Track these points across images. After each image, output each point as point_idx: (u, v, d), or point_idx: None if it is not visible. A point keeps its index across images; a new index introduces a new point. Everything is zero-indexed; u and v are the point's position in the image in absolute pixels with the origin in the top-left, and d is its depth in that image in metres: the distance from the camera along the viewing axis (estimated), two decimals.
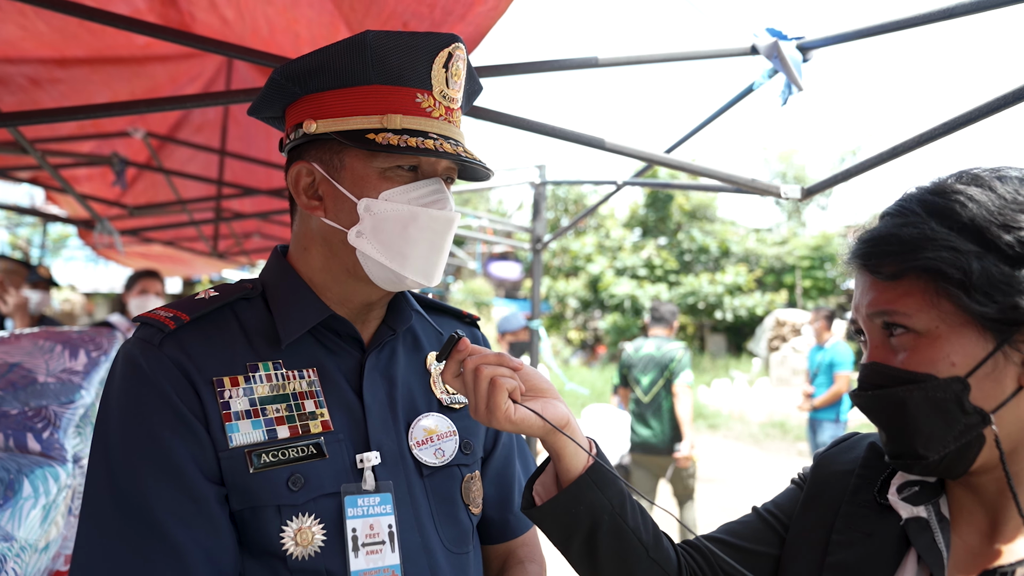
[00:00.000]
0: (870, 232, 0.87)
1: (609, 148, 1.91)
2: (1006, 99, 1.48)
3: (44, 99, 2.96)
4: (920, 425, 0.81)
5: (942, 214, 0.81)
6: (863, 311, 0.87)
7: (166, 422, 0.91)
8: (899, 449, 0.85)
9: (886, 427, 0.86)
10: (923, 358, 0.80)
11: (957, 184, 0.83)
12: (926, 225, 0.81)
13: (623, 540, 0.94)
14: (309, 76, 0.99)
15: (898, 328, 0.83)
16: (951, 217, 0.81)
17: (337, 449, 0.98)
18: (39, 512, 1.58)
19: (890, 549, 0.88)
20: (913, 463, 0.84)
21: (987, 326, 0.78)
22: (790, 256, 21.62)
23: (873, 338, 0.87)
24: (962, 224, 0.80)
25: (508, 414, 0.90)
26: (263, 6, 2.15)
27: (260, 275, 1.12)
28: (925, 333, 0.81)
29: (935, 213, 0.82)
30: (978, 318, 0.78)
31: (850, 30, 1.74)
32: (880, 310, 0.84)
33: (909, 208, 0.85)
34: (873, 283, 0.86)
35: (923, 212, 0.83)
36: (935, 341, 0.80)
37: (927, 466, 0.83)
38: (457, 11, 1.66)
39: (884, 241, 0.84)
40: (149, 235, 5.65)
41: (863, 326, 0.88)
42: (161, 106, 1.73)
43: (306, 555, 0.93)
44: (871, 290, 0.86)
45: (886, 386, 0.83)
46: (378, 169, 0.98)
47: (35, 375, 1.84)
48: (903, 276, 0.82)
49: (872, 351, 0.86)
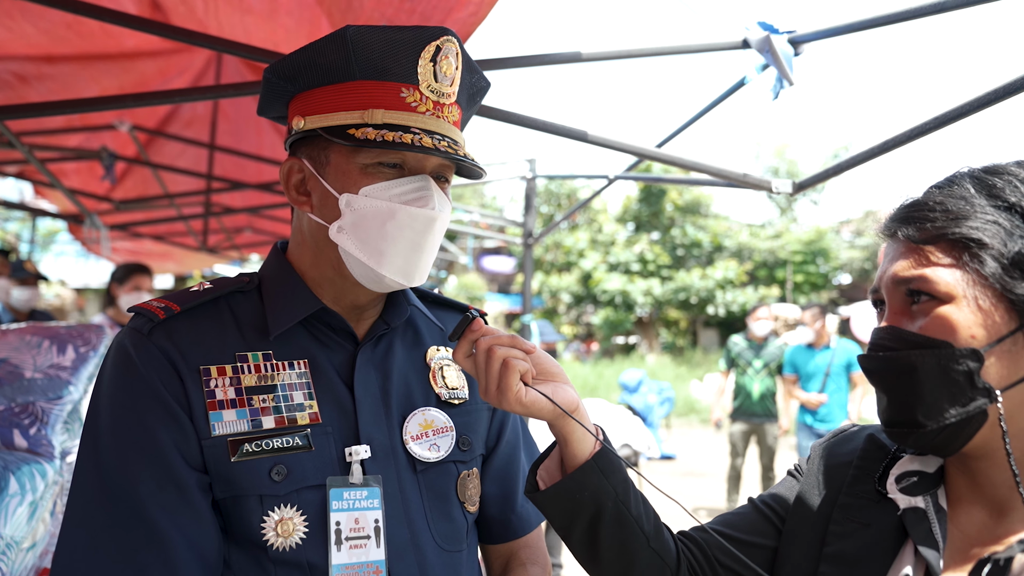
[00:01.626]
0: (915, 199, 0.87)
1: (601, 143, 1.91)
2: (998, 93, 1.48)
3: (31, 95, 2.94)
4: (925, 392, 0.80)
5: (991, 192, 0.81)
6: (889, 277, 0.86)
7: (152, 410, 0.91)
8: (898, 416, 0.84)
9: (889, 392, 0.85)
10: (944, 325, 0.80)
11: (1012, 167, 0.84)
12: (974, 199, 0.81)
13: (625, 528, 0.94)
14: (297, 73, 0.99)
15: (923, 296, 0.82)
16: (999, 196, 0.81)
17: (324, 442, 0.98)
18: (26, 509, 1.57)
19: (888, 539, 0.88)
20: (910, 432, 0.83)
21: (1015, 304, 0.78)
22: (782, 251, 21.71)
23: (894, 304, 0.86)
24: (1010, 204, 0.80)
25: (519, 396, 0.89)
26: (240, 15, 2.14)
27: (259, 269, 1.12)
28: (950, 302, 0.80)
29: (984, 190, 0.82)
30: (1009, 294, 0.78)
31: (841, 24, 1.74)
32: (910, 275, 0.83)
33: (958, 182, 0.85)
34: (907, 248, 0.85)
35: (972, 187, 0.83)
36: (959, 311, 0.79)
37: (923, 435, 0.82)
38: (436, 16, 1.66)
39: (928, 207, 0.84)
40: (138, 230, 5.62)
41: (885, 292, 0.87)
42: (149, 100, 1.72)
43: (287, 546, 0.92)
44: (903, 256, 0.85)
45: (899, 349, 0.82)
46: (360, 164, 0.97)
47: (22, 371, 1.82)
48: (939, 242, 0.82)
49: (890, 316, 0.85)
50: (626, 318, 21.04)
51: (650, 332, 22.62)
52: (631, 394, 8.96)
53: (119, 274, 4.15)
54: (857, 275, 22.57)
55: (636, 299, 20.53)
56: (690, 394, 14.31)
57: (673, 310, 21.67)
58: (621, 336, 22.88)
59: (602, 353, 21.84)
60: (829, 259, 21.78)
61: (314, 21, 2.09)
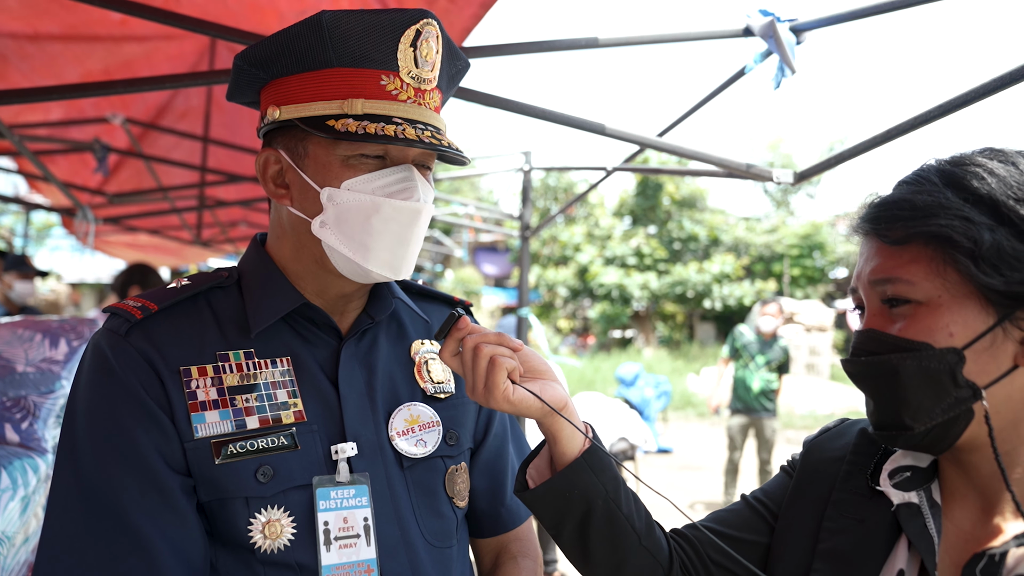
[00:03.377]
0: (883, 197, 0.86)
1: (602, 131, 1.89)
2: (999, 82, 1.47)
3: (14, 75, 2.88)
4: (909, 395, 0.80)
5: (958, 185, 0.80)
6: (865, 278, 0.86)
7: (131, 413, 0.89)
8: (885, 419, 0.84)
9: (874, 395, 0.85)
10: (921, 327, 0.79)
11: (978, 157, 0.82)
12: (941, 194, 0.80)
13: (616, 526, 0.93)
14: (270, 61, 0.95)
15: (899, 302, 0.82)
16: (967, 188, 0.80)
17: (310, 440, 0.95)
18: (18, 504, 1.55)
19: (882, 535, 0.87)
20: (898, 434, 0.82)
21: (991, 299, 0.77)
22: (779, 245, 21.72)
23: (872, 306, 0.85)
24: (978, 196, 0.79)
25: (507, 394, 0.88)
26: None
27: (238, 264, 1.09)
28: (926, 302, 0.79)
29: (951, 183, 0.81)
30: (983, 290, 0.77)
31: (843, 11, 1.72)
32: (884, 277, 0.82)
33: (926, 177, 0.84)
34: (880, 249, 0.84)
35: (939, 181, 0.82)
36: (936, 310, 0.79)
37: (911, 438, 0.81)
38: None
39: (896, 206, 0.83)
40: (132, 223, 5.58)
41: (863, 294, 0.87)
42: (140, 86, 1.69)
43: (275, 548, 0.90)
44: (876, 256, 0.85)
45: (879, 353, 0.82)
46: (341, 157, 0.94)
47: (14, 365, 1.81)
48: (911, 242, 0.81)
49: (869, 318, 0.85)
50: (623, 312, 21.04)
51: (647, 326, 22.63)
52: (628, 388, 8.94)
53: (139, 276, 3.95)
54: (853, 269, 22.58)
55: (633, 293, 20.51)
56: (687, 388, 14.33)
57: (670, 304, 21.68)
58: (618, 330, 22.89)
59: (599, 347, 21.85)
60: (826, 253, 21.81)
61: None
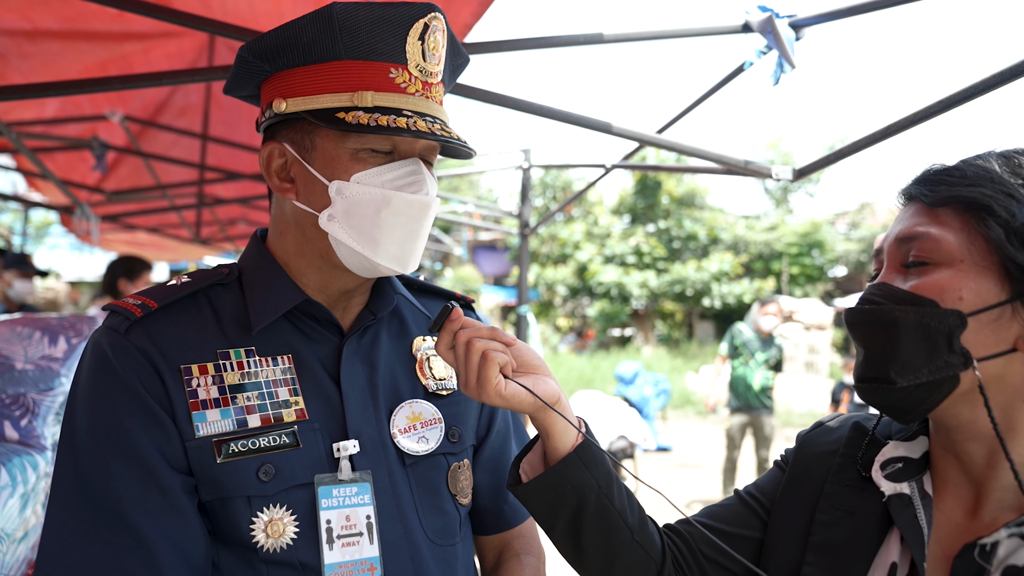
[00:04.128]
0: (939, 165, 0.88)
1: (600, 128, 1.89)
2: (998, 77, 1.47)
3: (12, 73, 2.87)
4: (901, 348, 0.80)
5: (1015, 168, 0.82)
6: (893, 236, 0.86)
7: (131, 412, 0.88)
8: (870, 372, 0.84)
9: (867, 346, 0.85)
10: (933, 285, 0.80)
11: None
12: (995, 171, 0.82)
13: (609, 521, 0.93)
14: (277, 53, 0.94)
15: (919, 265, 0.82)
16: (1021, 174, 0.81)
17: (312, 438, 0.95)
18: (17, 501, 1.55)
19: (873, 527, 0.87)
20: (879, 388, 0.82)
21: (1011, 275, 0.78)
22: (778, 243, 21.72)
23: (892, 263, 0.86)
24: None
25: (499, 389, 0.88)
26: None
27: (239, 260, 1.08)
28: (947, 263, 0.80)
29: (1008, 164, 0.83)
30: (1007, 263, 0.77)
31: (842, 7, 1.72)
32: (913, 233, 0.83)
33: (985, 156, 0.86)
34: (917, 210, 0.85)
35: (997, 161, 0.84)
36: (953, 273, 0.79)
37: (892, 393, 0.81)
38: None
39: (947, 172, 0.85)
40: (131, 221, 5.57)
41: (886, 252, 0.88)
42: (139, 83, 1.69)
43: (278, 547, 0.90)
44: (911, 216, 0.86)
45: (884, 304, 0.82)
46: (350, 150, 0.93)
47: (13, 362, 1.80)
48: (948, 204, 0.82)
49: (885, 274, 0.86)
50: (622, 310, 21.04)
51: (646, 324, 22.64)
52: (627, 386, 8.96)
53: (124, 268, 4.00)
54: (853, 267, 22.61)
55: (632, 291, 20.52)
56: (686, 386, 14.34)
57: (669, 302, 21.69)
58: (617, 328, 22.92)
59: (598, 345, 21.86)
60: (825, 251, 21.82)
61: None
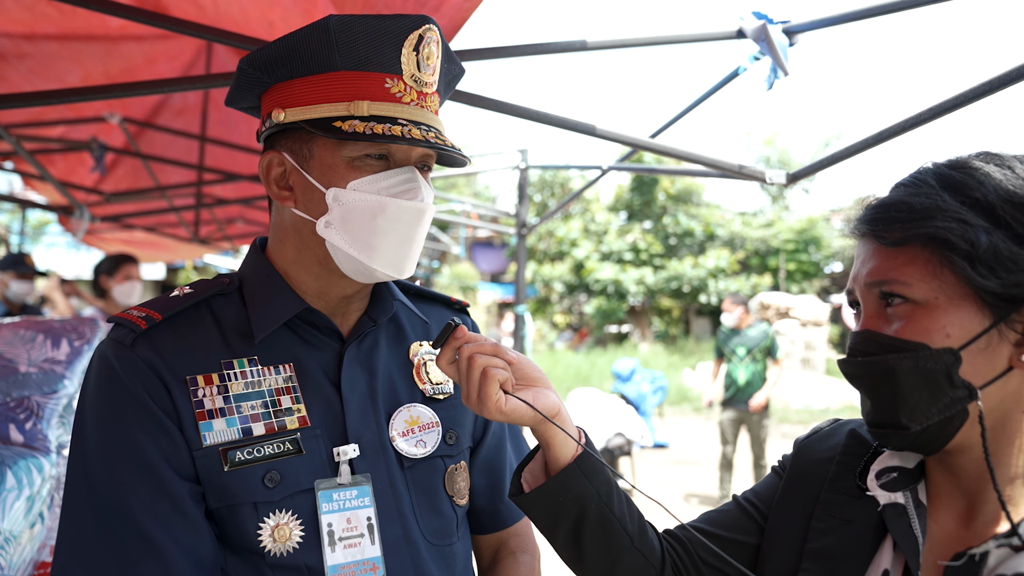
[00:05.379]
0: (880, 199, 0.87)
1: (596, 133, 1.91)
2: (991, 84, 1.48)
3: (11, 75, 2.87)
4: (906, 395, 0.81)
5: (955, 188, 0.81)
6: (862, 280, 0.86)
7: (139, 423, 0.91)
8: (882, 419, 0.85)
9: (871, 395, 0.86)
10: (918, 327, 0.80)
11: (975, 161, 0.83)
12: (938, 196, 0.81)
13: (609, 529, 0.95)
14: (276, 64, 0.97)
15: (896, 298, 0.82)
16: (964, 191, 0.80)
17: (314, 444, 0.98)
18: (23, 503, 1.57)
19: (868, 535, 0.89)
20: (893, 433, 0.83)
21: (987, 301, 0.78)
22: (775, 239, 21.73)
23: (868, 307, 0.86)
24: (975, 199, 0.79)
25: (499, 405, 0.90)
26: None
27: (239, 270, 1.11)
28: (923, 303, 0.80)
29: (949, 186, 0.82)
30: (979, 292, 0.78)
31: (835, 14, 1.74)
32: (881, 278, 0.83)
33: (923, 180, 0.85)
34: (876, 250, 0.85)
35: (937, 184, 0.83)
36: (932, 311, 0.80)
37: (906, 437, 0.82)
38: (430, 3, 1.64)
39: (893, 208, 0.84)
40: (129, 221, 5.57)
41: (859, 295, 0.88)
42: (138, 90, 1.70)
43: (284, 551, 0.93)
44: (873, 258, 0.85)
45: (876, 353, 0.83)
46: (346, 158, 0.96)
47: (16, 365, 1.82)
48: (907, 244, 0.82)
49: (866, 320, 0.86)
50: (619, 307, 21.05)
51: (643, 321, 22.65)
52: (624, 383, 8.98)
53: (106, 266, 4.08)
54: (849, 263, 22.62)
55: (629, 288, 20.52)
56: (683, 383, 14.36)
57: (666, 299, 21.70)
58: (614, 325, 22.92)
59: (595, 342, 21.87)
60: (821, 247, 21.83)
61: (307, 6, 2.06)
